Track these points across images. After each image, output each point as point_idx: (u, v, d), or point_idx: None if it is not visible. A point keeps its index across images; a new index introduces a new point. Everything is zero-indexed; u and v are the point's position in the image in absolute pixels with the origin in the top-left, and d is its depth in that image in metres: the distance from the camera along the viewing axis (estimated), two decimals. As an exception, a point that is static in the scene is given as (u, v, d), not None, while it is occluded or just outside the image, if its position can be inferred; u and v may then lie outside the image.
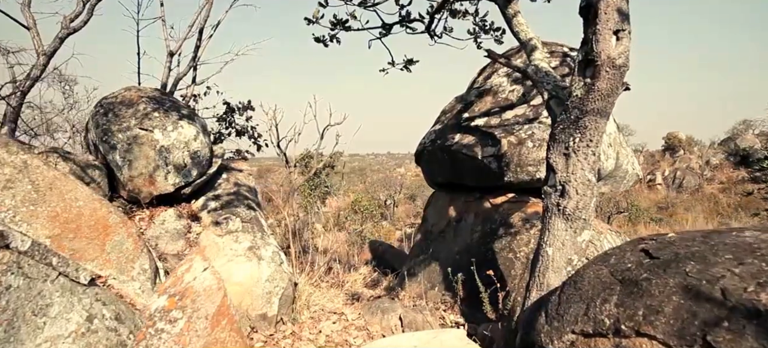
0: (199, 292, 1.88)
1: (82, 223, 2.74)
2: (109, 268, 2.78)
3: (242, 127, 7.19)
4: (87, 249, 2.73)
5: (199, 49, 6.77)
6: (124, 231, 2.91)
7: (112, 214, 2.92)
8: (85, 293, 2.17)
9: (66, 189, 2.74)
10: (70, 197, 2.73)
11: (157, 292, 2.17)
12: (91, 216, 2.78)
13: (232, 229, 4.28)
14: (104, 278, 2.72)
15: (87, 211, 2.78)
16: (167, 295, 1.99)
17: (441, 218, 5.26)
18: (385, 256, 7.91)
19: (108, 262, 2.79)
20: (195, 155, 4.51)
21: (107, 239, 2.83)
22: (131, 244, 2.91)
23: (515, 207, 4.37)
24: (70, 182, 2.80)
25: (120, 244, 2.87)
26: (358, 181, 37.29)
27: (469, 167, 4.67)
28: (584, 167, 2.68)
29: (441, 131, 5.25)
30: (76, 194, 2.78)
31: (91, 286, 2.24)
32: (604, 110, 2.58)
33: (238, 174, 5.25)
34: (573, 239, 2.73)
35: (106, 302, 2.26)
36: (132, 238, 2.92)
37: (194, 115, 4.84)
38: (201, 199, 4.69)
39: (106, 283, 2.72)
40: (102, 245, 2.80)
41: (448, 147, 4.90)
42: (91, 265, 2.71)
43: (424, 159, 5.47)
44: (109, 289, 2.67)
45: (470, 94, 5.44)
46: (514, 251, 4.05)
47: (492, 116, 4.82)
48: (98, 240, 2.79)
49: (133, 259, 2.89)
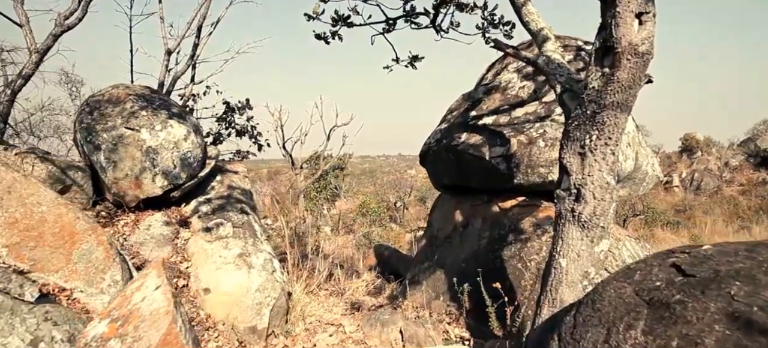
0: (145, 317, 1.63)
1: (45, 230, 2.50)
2: (76, 280, 2.53)
3: (242, 127, 6.96)
4: (50, 259, 2.48)
5: (197, 47, 6.56)
6: (93, 238, 2.66)
7: (80, 220, 2.67)
8: (31, 312, 1.92)
9: (27, 193, 2.50)
10: (31, 201, 2.49)
11: (100, 315, 1.92)
12: (56, 222, 2.54)
13: (222, 234, 4.02)
14: (69, 291, 2.47)
15: (51, 216, 2.53)
16: (109, 320, 1.74)
17: (447, 223, 4.96)
18: (391, 261, 7.62)
19: (74, 274, 2.54)
20: (185, 156, 4.27)
21: (74, 248, 2.58)
22: (102, 253, 2.66)
23: (526, 211, 4.06)
24: (32, 185, 2.56)
25: (88, 253, 2.62)
26: (368, 182, 37.07)
27: (477, 168, 4.37)
28: (602, 168, 2.37)
29: (447, 130, 4.95)
30: (39, 198, 2.54)
31: (40, 304, 1.99)
32: (624, 104, 2.27)
33: (233, 176, 5.00)
34: (589, 249, 2.42)
35: (58, 322, 2.01)
36: (103, 247, 2.67)
37: (185, 114, 4.60)
38: (192, 202, 4.45)
39: (71, 297, 2.46)
40: (68, 254, 2.55)
41: (454, 147, 4.60)
42: (55, 277, 2.46)
43: (430, 160, 5.18)
44: (73, 305, 2.42)
45: (478, 91, 5.13)
46: (524, 260, 3.73)
47: (501, 114, 4.51)
48: (63, 249, 2.54)
49: (103, 269, 2.64)
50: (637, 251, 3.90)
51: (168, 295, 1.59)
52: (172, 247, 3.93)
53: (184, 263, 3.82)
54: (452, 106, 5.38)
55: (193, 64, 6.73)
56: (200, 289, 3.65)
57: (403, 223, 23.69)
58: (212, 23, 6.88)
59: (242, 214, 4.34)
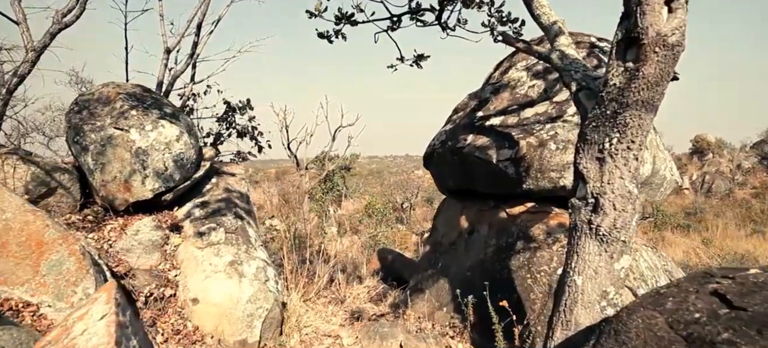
0: (82, 355, 1.41)
1: (9, 239, 2.27)
2: (44, 294, 2.31)
3: (243, 128, 6.73)
4: (15, 271, 2.25)
5: (197, 45, 6.34)
6: (64, 248, 2.43)
7: (50, 227, 2.44)
8: (-29, 337, 1.70)
9: (-11, 199, 2.29)
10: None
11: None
12: (22, 230, 2.31)
13: (213, 240, 3.78)
14: (35, 307, 2.24)
15: (16, 224, 2.31)
16: (42, 357, 1.51)
17: (452, 229, 4.69)
18: (395, 265, 7.35)
19: (42, 287, 2.31)
20: (177, 158, 4.04)
21: (42, 258, 2.35)
22: (73, 264, 2.42)
23: (535, 218, 3.78)
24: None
25: (59, 264, 2.39)
26: (375, 183, 36.83)
27: (483, 172, 4.10)
28: (623, 175, 2.09)
29: (452, 132, 4.68)
30: (2, 204, 2.32)
31: (-14, 326, 1.76)
32: (650, 103, 2.00)
33: (230, 178, 4.76)
34: (609, 266, 2.14)
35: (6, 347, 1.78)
36: (75, 257, 2.44)
37: (179, 113, 4.37)
38: (185, 206, 4.22)
39: (38, 313, 2.23)
40: (35, 266, 2.32)
41: (459, 149, 4.33)
42: (20, 291, 2.24)
43: (434, 162, 4.91)
44: (39, 322, 2.19)
45: (485, 90, 4.86)
46: (534, 271, 3.46)
47: (509, 114, 4.24)
48: (30, 259, 2.31)
49: (75, 281, 2.41)
50: (654, 262, 3.61)
51: (112, 328, 1.35)
52: (161, 253, 3.70)
53: (173, 271, 3.59)
54: (458, 106, 5.11)
55: (193, 63, 6.51)
56: (188, 299, 3.41)
57: (410, 224, 23.41)
58: (213, 22, 6.66)
59: (236, 219, 4.10)
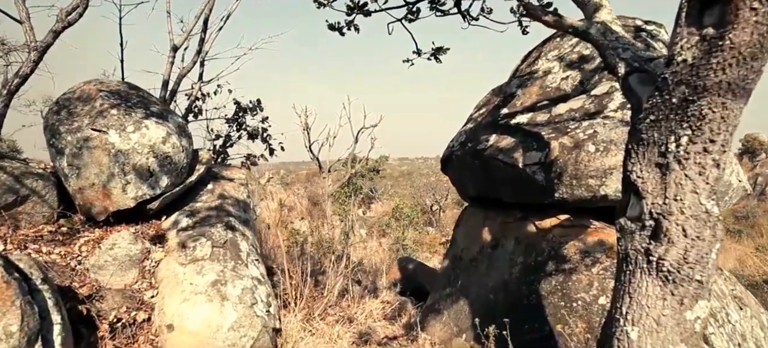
0: None
1: None
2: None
3: (254, 129, 6.28)
4: None
5: (204, 42, 5.93)
6: (-19, 276, 1.96)
7: (-35, 251, 2.00)
8: None
9: None
10: None
11: None
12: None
13: (198, 255, 3.30)
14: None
15: None
16: None
17: (472, 242, 4.06)
18: (416, 275, 6.76)
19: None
20: (165, 161, 3.58)
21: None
22: (-7, 295, 1.96)
23: (569, 233, 3.13)
24: None
25: (-29, 296, 1.93)
26: (406, 184, 36.23)
27: (508, 178, 3.47)
28: (698, 188, 1.46)
29: (472, 132, 4.06)
30: None
31: None
32: (740, 85, 1.36)
33: (227, 184, 4.29)
34: (678, 316, 1.51)
35: None
36: (-4, 286, 1.98)
37: (168, 113, 3.92)
38: (174, 215, 3.75)
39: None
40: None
41: (480, 152, 3.71)
42: None
43: (453, 166, 4.30)
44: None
45: (511, 84, 4.21)
46: (569, 298, 2.81)
47: (538, 111, 3.59)
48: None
49: (-5, 316, 1.94)
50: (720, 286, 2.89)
51: None
52: (139, 270, 3.23)
53: (150, 291, 3.12)
54: (480, 103, 4.48)
55: (200, 60, 6.11)
56: (164, 325, 2.93)
57: (440, 227, 22.71)
58: (222, 17, 6.25)
59: (227, 231, 3.60)
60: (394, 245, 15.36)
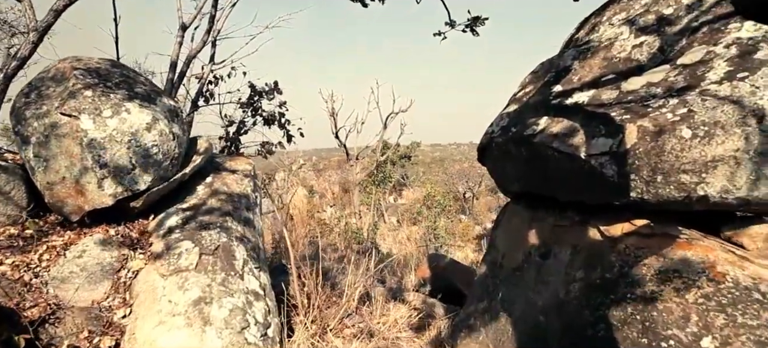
0: None
1: None
2: None
3: (270, 115, 5.68)
4: None
5: (214, 19, 5.34)
6: None
7: None
8: None
9: None
10: None
11: None
12: None
13: (182, 265, 2.71)
14: None
15: None
16: None
17: (516, 247, 3.33)
18: (447, 274, 6.06)
19: None
20: (149, 152, 3.01)
21: None
22: None
23: (650, 245, 2.36)
24: None
25: None
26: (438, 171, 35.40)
27: (564, 171, 2.72)
28: None
29: (517, 114, 3.31)
30: None
31: None
32: None
33: (229, 177, 3.69)
34: None
35: None
36: None
37: (157, 94, 3.34)
38: (160, 215, 3.18)
39: None
40: None
41: (527, 138, 2.97)
42: None
43: (492, 155, 3.56)
44: None
45: (564, 56, 3.42)
46: (655, 334, 2.06)
47: (603, 87, 2.81)
48: None
49: None
50: None
51: None
52: (112, 282, 2.67)
53: (122, 310, 2.55)
54: (525, 80, 3.70)
55: (212, 40, 5.53)
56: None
57: (473, 215, 21.84)
58: (236, -8, 5.64)
59: (220, 233, 3.00)
60: (425, 234, 14.70)
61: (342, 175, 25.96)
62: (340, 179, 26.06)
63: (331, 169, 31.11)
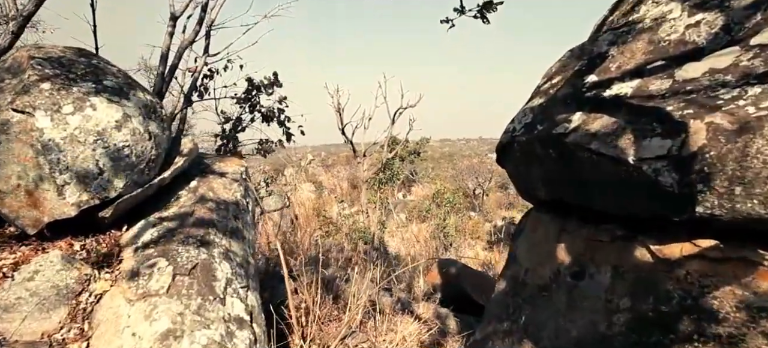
0: None
1: None
2: None
3: (269, 110, 5.23)
4: None
5: (207, 7, 4.89)
6: None
7: None
8: None
9: None
10: None
11: None
12: None
13: (152, 288, 2.27)
14: None
15: None
16: None
17: (541, 262, 2.85)
18: (460, 281, 5.58)
19: None
20: (120, 154, 2.56)
21: None
22: None
23: (724, 272, 1.86)
24: None
25: None
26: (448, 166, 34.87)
27: (605, 177, 2.23)
28: None
29: (543, 109, 2.81)
30: None
31: None
32: None
33: (217, 180, 3.25)
34: None
35: None
36: None
37: (131, 88, 2.89)
38: (135, 226, 2.74)
39: None
40: None
41: (557, 137, 2.48)
42: None
43: (513, 157, 3.07)
44: None
45: (599, 41, 2.91)
46: (737, 397, 1.58)
47: (652, 77, 2.31)
48: None
49: None
50: None
51: None
52: (69, 309, 2.23)
53: (77, 344, 2.11)
54: (551, 70, 3.19)
55: (206, 31, 5.09)
56: (87, 399, 1.92)
57: (483, 212, 21.31)
58: (231, -22, 5.18)
59: (200, 249, 2.55)
60: (435, 232, 14.22)
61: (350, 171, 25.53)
62: (348, 175, 25.65)
63: (339, 164, 30.73)
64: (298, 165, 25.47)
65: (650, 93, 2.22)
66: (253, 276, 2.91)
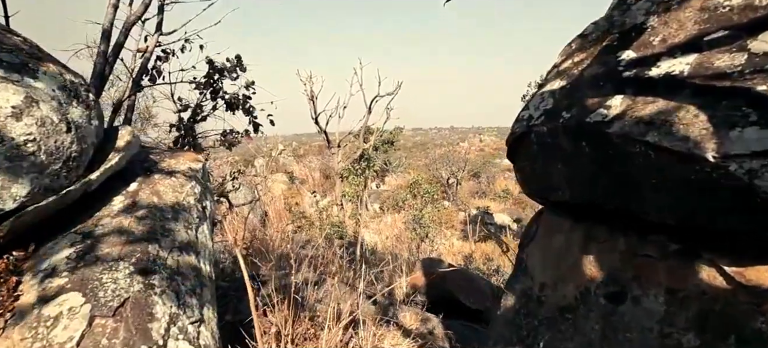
0: None
1: None
2: None
3: (233, 97, 4.53)
4: None
5: (158, -24, 4.14)
6: None
7: None
8: None
9: None
10: None
11: None
12: None
13: (56, 340, 1.61)
14: None
15: None
16: None
17: (563, 277, 2.32)
18: (446, 284, 5.06)
19: None
20: (21, 152, 1.87)
21: None
22: None
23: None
24: None
25: None
26: (420, 156, 34.50)
27: (666, 178, 1.70)
28: None
29: (567, 93, 2.27)
30: None
31: None
32: None
33: (164, 182, 2.58)
34: None
35: None
36: None
37: (38, 61, 2.18)
38: (48, 244, 2.06)
39: None
40: None
41: (594, 127, 1.93)
42: None
43: (528, 151, 2.52)
44: None
45: (632, 11, 2.37)
46: None
47: (714, 50, 1.79)
48: None
49: None
50: None
51: None
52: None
53: None
54: (572, 47, 2.64)
55: (159, 5, 4.33)
56: None
57: (456, 201, 21.01)
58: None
59: (134, 277, 1.90)
60: (410, 222, 13.76)
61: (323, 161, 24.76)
62: (321, 165, 24.89)
63: (311, 154, 29.86)
64: (269, 155, 24.54)
65: (719, 70, 1.69)
66: (209, 301, 2.28)
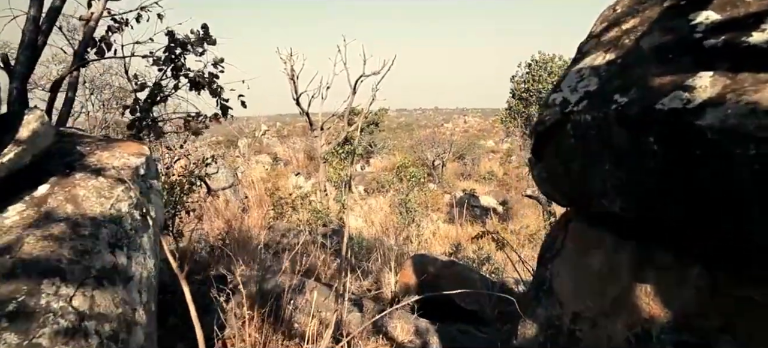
0: None
1: None
2: None
3: (198, 75, 3.84)
4: None
5: (102, -70, 3.39)
6: None
7: None
8: None
9: None
10: None
11: None
12: None
13: None
14: None
15: None
16: None
17: (604, 309, 1.76)
18: (440, 283, 4.52)
19: None
20: None
21: None
22: None
23: None
24: None
25: None
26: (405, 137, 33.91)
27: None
28: None
29: (621, 70, 1.67)
30: None
31: None
32: None
33: (87, 184, 1.92)
34: None
35: None
36: None
37: None
38: None
39: None
40: None
41: (672, 117, 1.34)
42: None
43: (564, 146, 1.91)
44: None
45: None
46: None
47: None
48: None
49: None
50: None
51: None
52: None
53: None
54: (617, 10, 2.03)
55: (106, -36, 3.59)
56: None
57: (442, 183, 20.53)
58: None
59: (12, 333, 1.27)
60: (395, 206, 13.25)
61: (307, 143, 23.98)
62: (304, 147, 24.11)
63: (295, 135, 29.00)
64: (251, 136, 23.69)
65: None
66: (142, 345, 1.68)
